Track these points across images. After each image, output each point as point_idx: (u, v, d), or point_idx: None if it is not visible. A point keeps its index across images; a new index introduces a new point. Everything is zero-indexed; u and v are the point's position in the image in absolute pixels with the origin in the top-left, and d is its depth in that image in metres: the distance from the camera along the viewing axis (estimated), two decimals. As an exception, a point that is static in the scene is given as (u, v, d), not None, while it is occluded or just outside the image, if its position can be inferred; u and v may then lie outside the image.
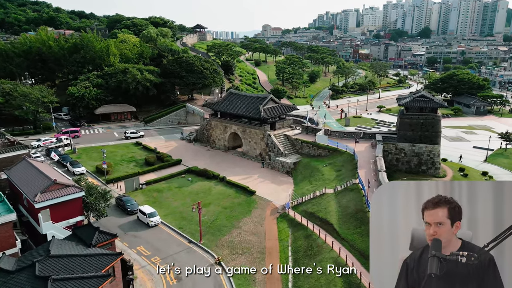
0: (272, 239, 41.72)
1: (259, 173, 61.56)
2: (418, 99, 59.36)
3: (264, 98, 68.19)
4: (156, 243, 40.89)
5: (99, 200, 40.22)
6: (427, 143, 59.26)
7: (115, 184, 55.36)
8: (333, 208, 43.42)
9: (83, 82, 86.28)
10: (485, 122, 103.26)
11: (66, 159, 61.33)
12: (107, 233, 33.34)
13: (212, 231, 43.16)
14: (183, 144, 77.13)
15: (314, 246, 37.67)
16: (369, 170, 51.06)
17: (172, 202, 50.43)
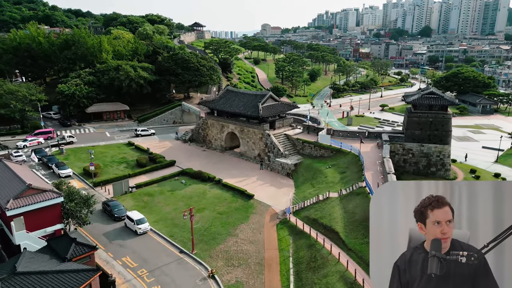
0: (271, 248, 38.01)
1: (257, 175, 57.90)
2: (427, 96, 55.73)
3: (263, 96, 64.48)
4: (144, 253, 37.14)
5: (81, 206, 36.46)
6: (436, 143, 55.61)
7: (103, 187, 51.65)
8: (338, 214, 39.71)
9: (74, 80, 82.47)
10: (492, 121, 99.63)
11: (52, 160, 57.56)
12: (85, 245, 29.69)
13: (206, 240, 39.43)
14: (178, 145, 73.39)
15: (318, 258, 33.93)
16: (376, 172, 47.37)
17: (164, 207, 46.70)
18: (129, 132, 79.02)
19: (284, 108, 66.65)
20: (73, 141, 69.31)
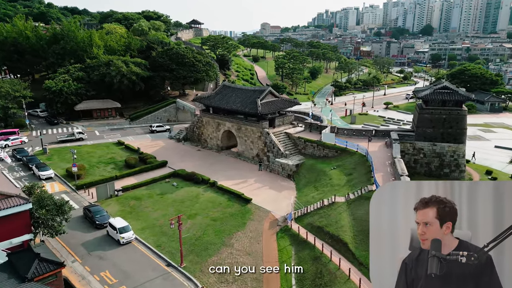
0: (271, 261, 33.52)
1: (256, 176, 53.44)
2: (440, 91, 51.30)
3: (262, 91, 59.98)
4: (126, 266, 32.63)
5: (53, 213, 31.93)
6: (450, 141, 51.23)
7: (86, 190, 47.15)
8: (346, 221, 35.25)
9: (62, 76, 77.88)
10: (502, 120, 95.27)
11: (33, 160, 53.07)
12: (51, 261, 25.17)
13: (197, 251, 34.94)
14: (171, 144, 68.88)
15: (325, 273, 29.46)
16: (386, 174, 42.92)
17: (152, 213, 42.20)
18: (119, 130, 74.65)
19: (284, 104, 62.16)
20: (82, 137, 65.93)
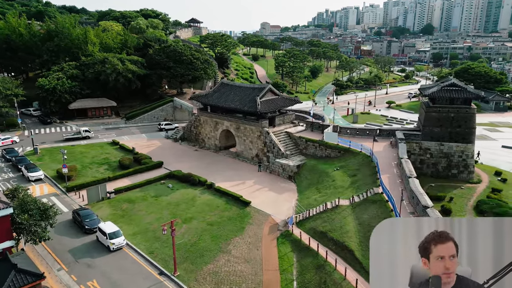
0: (271, 269, 31.29)
1: (255, 178, 51.21)
2: (448, 88, 48.98)
3: (262, 89, 57.76)
4: (115, 275, 30.40)
5: (37, 218, 29.67)
6: (458, 141, 48.90)
7: (77, 192, 44.90)
8: (352, 226, 33.02)
9: (55, 73, 75.59)
10: (507, 119, 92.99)
11: (23, 161, 50.80)
12: (29, 272, 22.96)
13: (192, 258, 32.70)
14: (168, 144, 66.65)
15: (330, 283, 27.23)
16: (393, 175, 40.70)
17: (145, 217, 39.96)
18: (114, 130, 72.44)
19: (285, 103, 59.94)
20: (89, 136, 64.50)
